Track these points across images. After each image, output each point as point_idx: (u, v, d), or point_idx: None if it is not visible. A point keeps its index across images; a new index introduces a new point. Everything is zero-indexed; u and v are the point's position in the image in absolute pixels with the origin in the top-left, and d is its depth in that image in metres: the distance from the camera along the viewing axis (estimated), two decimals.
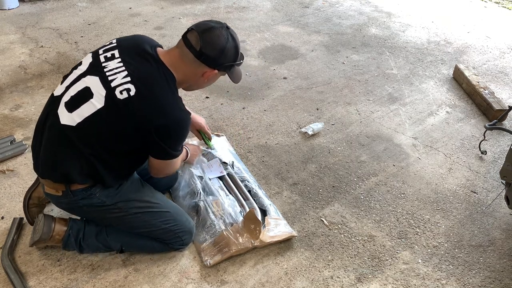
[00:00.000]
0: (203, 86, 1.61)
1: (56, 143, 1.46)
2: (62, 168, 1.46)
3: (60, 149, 1.46)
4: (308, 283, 1.68)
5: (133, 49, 1.47)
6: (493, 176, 2.31)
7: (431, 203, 2.12)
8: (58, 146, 1.46)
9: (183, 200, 1.96)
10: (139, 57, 1.44)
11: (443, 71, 3.45)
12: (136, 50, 1.46)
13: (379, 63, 3.54)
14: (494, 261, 1.83)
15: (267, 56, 3.59)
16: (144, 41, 1.52)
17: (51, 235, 1.63)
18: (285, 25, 4.24)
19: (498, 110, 2.73)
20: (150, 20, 4.19)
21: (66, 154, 1.45)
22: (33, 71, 3.15)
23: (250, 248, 1.75)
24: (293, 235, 1.84)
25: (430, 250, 1.86)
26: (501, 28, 4.41)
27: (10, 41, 3.60)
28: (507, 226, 2.01)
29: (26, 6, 4.36)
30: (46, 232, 1.62)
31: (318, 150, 2.47)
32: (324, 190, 2.17)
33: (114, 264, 1.70)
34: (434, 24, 4.41)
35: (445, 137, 2.65)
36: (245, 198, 2.00)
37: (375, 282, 1.70)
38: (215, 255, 1.72)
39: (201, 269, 1.70)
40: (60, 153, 1.46)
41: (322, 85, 3.17)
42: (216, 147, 2.25)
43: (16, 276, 1.60)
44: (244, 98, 2.95)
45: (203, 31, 1.41)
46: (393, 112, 2.88)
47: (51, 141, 1.48)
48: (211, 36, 1.41)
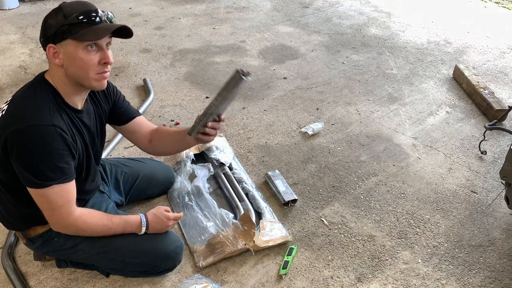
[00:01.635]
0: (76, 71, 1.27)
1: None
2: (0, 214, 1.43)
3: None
4: (308, 283, 1.68)
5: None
6: (493, 176, 2.31)
7: (431, 203, 2.12)
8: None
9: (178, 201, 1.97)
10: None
11: (443, 71, 3.45)
12: None
13: (379, 63, 3.54)
14: (494, 261, 1.83)
15: (267, 56, 3.59)
16: None
17: (44, 260, 1.65)
18: (285, 25, 4.24)
19: (498, 110, 2.73)
20: (150, 20, 4.19)
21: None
22: (33, 71, 3.15)
23: (244, 250, 1.75)
24: (288, 239, 1.82)
25: (430, 250, 1.86)
26: (501, 28, 4.41)
27: (10, 41, 3.60)
28: (507, 226, 2.01)
29: (26, 6, 4.36)
30: (37, 258, 1.64)
31: (318, 150, 2.47)
32: (324, 190, 2.17)
33: None
34: (434, 24, 4.42)
35: (445, 137, 2.65)
36: (240, 199, 2.00)
37: (375, 282, 1.70)
38: (208, 256, 1.71)
39: (201, 269, 1.70)
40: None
41: (322, 85, 3.17)
42: (220, 144, 2.25)
43: (16, 276, 1.60)
44: (244, 98, 2.95)
45: None
46: (393, 112, 2.88)
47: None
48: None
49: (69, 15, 1.21)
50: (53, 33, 1.22)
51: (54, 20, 1.23)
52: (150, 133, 1.71)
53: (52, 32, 1.23)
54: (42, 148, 1.22)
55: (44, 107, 1.26)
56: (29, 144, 1.21)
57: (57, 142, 1.24)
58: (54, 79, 1.31)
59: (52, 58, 1.26)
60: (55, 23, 1.22)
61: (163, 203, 2.00)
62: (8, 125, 1.23)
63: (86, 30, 1.22)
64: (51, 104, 1.28)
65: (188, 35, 3.90)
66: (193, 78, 3.18)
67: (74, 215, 1.36)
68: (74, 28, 1.22)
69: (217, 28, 4.04)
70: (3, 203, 1.42)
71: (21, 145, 1.21)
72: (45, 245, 1.50)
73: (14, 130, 1.21)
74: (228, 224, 1.82)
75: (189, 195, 1.98)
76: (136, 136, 1.71)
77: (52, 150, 1.24)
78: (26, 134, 1.21)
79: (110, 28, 1.27)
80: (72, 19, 1.21)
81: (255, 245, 1.75)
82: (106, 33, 1.26)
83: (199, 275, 1.63)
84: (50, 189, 1.26)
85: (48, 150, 1.23)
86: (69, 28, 1.21)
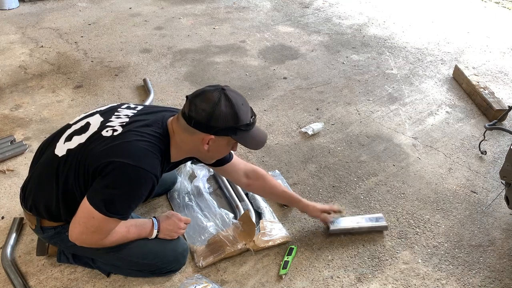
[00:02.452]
0: (212, 155, 1.46)
1: (44, 172, 1.42)
2: (35, 198, 1.43)
3: (43, 179, 1.42)
4: (308, 283, 1.68)
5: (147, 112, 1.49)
6: (493, 176, 2.31)
7: (431, 203, 2.12)
8: (43, 174, 1.42)
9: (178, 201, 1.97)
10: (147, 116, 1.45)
11: (443, 71, 3.45)
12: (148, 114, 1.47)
13: (379, 63, 3.54)
14: (494, 261, 1.83)
15: (267, 56, 3.59)
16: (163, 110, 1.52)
17: (46, 254, 1.66)
18: (285, 25, 4.24)
19: (498, 110, 2.73)
20: (150, 20, 4.19)
21: (44, 185, 1.41)
22: (33, 71, 3.16)
23: (244, 250, 1.75)
24: (288, 239, 1.83)
25: (430, 250, 1.86)
26: (501, 28, 4.41)
27: (10, 41, 3.60)
28: (507, 226, 2.01)
29: (26, 6, 4.36)
30: (40, 253, 1.66)
31: (318, 150, 2.47)
32: (324, 190, 2.17)
33: None
34: (434, 24, 4.42)
35: (445, 137, 2.65)
36: (240, 199, 2.00)
37: (375, 282, 1.70)
38: (207, 256, 1.71)
39: (201, 269, 1.70)
40: (41, 183, 1.42)
41: (322, 85, 3.17)
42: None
43: (16, 276, 1.60)
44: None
45: (194, 96, 1.36)
46: (393, 112, 2.88)
47: (41, 166, 1.44)
48: (200, 98, 1.33)
49: (242, 120, 1.33)
50: (222, 128, 1.31)
51: (226, 114, 1.30)
52: (245, 175, 1.75)
53: (221, 126, 1.31)
54: (133, 189, 1.29)
55: (157, 157, 1.34)
56: (125, 179, 1.27)
57: (147, 190, 1.32)
58: (176, 140, 1.39)
59: (202, 143, 1.36)
60: (226, 119, 1.30)
61: (163, 203, 2.00)
62: (117, 153, 1.28)
63: (248, 136, 1.37)
64: (162, 155, 1.36)
65: (188, 35, 3.90)
66: (193, 78, 3.18)
67: (106, 238, 1.39)
68: (239, 132, 1.34)
69: (217, 28, 4.04)
70: (49, 193, 1.39)
71: (118, 178, 1.26)
72: (55, 236, 1.50)
73: (122, 162, 1.26)
74: (228, 224, 1.82)
75: (189, 195, 1.98)
76: (231, 177, 1.79)
77: (140, 195, 1.32)
78: (129, 171, 1.26)
79: (264, 141, 1.44)
80: (243, 125, 1.33)
81: (255, 245, 1.75)
82: (262, 145, 1.43)
83: (199, 275, 1.63)
84: (106, 219, 1.30)
85: (137, 194, 1.31)
86: (236, 129, 1.33)
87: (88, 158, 1.31)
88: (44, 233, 1.50)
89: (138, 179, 1.28)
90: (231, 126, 1.32)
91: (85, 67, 3.24)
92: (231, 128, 1.32)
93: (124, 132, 1.35)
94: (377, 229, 1.90)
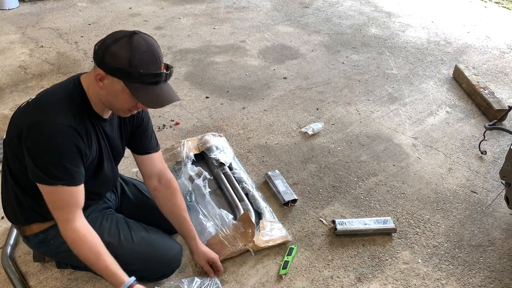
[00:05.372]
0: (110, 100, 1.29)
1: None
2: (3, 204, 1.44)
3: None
4: (308, 283, 1.68)
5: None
6: (493, 176, 2.31)
7: (431, 203, 2.12)
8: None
9: None
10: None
11: (443, 71, 3.45)
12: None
13: (379, 63, 3.54)
14: (494, 261, 1.83)
15: (267, 56, 3.59)
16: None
17: (43, 261, 1.66)
18: (285, 25, 4.24)
19: (498, 110, 2.74)
20: (150, 20, 4.19)
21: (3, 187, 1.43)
22: (33, 71, 3.16)
23: (244, 250, 1.75)
24: (288, 239, 1.83)
25: (430, 250, 1.86)
26: (501, 28, 4.41)
27: (10, 41, 3.60)
28: (507, 226, 2.01)
29: (26, 6, 4.36)
30: (37, 259, 1.65)
31: (318, 150, 2.47)
32: (324, 190, 2.17)
33: None
34: (434, 24, 4.42)
35: (445, 137, 2.65)
36: (240, 199, 2.00)
37: (375, 282, 1.70)
38: None
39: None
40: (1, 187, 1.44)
41: (322, 85, 3.17)
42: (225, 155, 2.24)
43: (16, 276, 1.60)
44: (244, 98, 2.95)
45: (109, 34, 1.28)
46: (393, 112, 2.88)
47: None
48: (110, 35, 1.24)
49: (135, 66, 1.19)
50: (112, 66, 1.19)
51: (119, 53, 1.19)
52: (157, 178, 1.60)
53: (111, 64, 1.19)
54: (53, 145, 1.22)
55: (70, 109, 1.26)
56: (42, 138, 1.22)
57: (70, 143, 1.24)
58: (89, 88, 1.31)
59: (96, 79, 1.24)
60: (118, 58, 1.19)
61: None
62: (29, 114, 1.24)
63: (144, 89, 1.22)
64: (78, 108, 1.28)
65: (188, 35, 3.90)
66: (193, 78, 3.18)
67: (74, 223, 1.30)
68: (132, 78, 1.20)
69: (217, 28, 4.04)
70: (8, 192, 1.41)
71: (35, 138, 1.22)
72: (41, 245, 1.48)
73: (33, 121, 1.22)
74: (228, 224, 1.81)
75: (189, 195, 1.98)
76: (144, 172, 1.62)
77: (64, 149, 1.24)
78: (42, 127, 1.22)
79: (166, 101, 1.27)
80: (135, 71, 1.19)
81: (255, 245, 1.75)
82: (161, 105, 1.26)
83: (199, 275, 1.63)
84: (54, 188, 1.26)
85: (60, 149, 1.23)
86: (128, 74, 1.20)
87: (11, 131, 1.29)
88: (30, 242, 1.49)
89: (55, 135, 1.22)
90: (122, 68, 1.19)
91: (85, 67, 3.24)
92: (122, 70, 1.19)
93: (36, 95, 1.33)
94: (385, 231, 1.90)
